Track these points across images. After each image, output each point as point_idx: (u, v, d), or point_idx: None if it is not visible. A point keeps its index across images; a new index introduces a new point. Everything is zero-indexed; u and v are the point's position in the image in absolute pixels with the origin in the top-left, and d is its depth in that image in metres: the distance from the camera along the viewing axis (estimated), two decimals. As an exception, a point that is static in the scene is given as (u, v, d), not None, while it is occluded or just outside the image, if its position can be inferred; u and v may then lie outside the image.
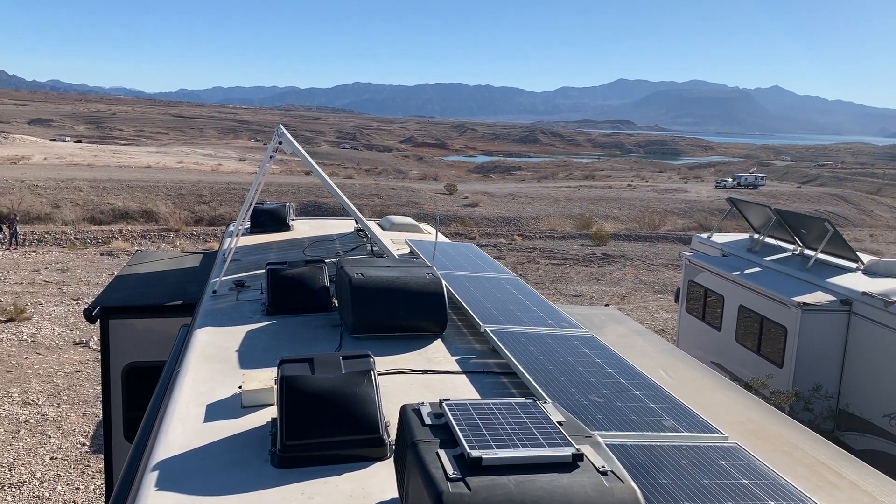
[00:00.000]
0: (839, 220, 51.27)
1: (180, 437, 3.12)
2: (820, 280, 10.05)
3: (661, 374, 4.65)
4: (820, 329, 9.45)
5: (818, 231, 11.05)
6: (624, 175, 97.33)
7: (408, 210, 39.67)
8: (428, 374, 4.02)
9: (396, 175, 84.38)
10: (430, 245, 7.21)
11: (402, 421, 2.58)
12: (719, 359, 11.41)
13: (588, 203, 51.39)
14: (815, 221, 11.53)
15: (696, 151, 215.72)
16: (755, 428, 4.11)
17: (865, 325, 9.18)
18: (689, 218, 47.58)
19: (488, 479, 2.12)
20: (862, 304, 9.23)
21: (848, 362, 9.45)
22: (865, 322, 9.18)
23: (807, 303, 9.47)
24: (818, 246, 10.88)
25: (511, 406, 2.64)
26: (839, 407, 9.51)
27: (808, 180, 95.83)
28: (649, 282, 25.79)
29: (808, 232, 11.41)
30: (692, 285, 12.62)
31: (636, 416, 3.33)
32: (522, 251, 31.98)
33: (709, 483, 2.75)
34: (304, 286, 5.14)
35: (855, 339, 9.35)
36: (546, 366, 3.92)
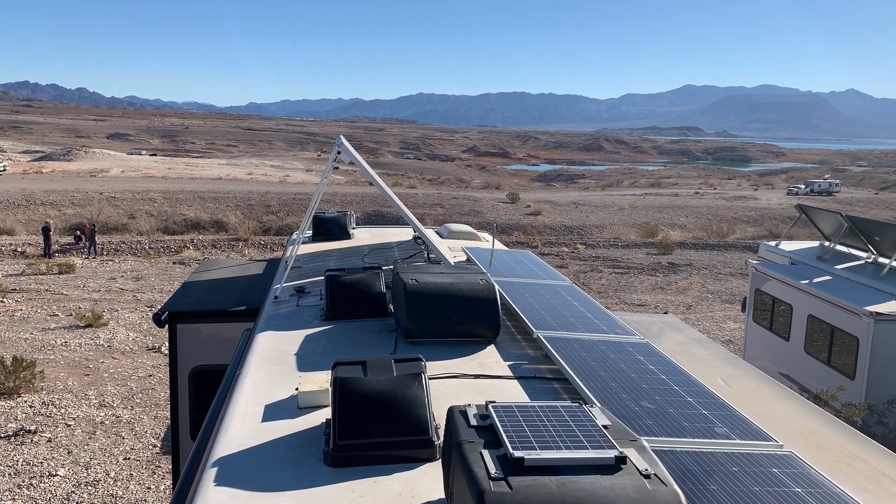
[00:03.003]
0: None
1: (239, 435, 3.24)
2: (894, 289, 9.66)
3: (718, 383, 4.56)
4: (894, 339, 9.07)
5: (893, 238, 10.62)
6: (691, 182, 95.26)
7: (469, 219, 39.77)
8: (479, 379, 4.06)
9: (459, 184, 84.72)
10: (486, 252, 7.25)
11: (449, 422, 2.64)
12: (788, 370, 11.06)
13: (653, 211, 50.49)
14: (889, 228, 11.08)
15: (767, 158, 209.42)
16: (816, 439, 4.00)
17: (944, 336, 8.78)
18: (759, 226, 46.22)
19: (530, 479, 2.15)
20: (940, 314, 8.83)
21: (925, 375, 9.05)
22: (944, 333, 8.78)
23: (880, 312, 9.11)
24: (892, 253, 10.45)
25: (556, 409, 2.66)
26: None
27: (887, 186, 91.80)
28: (716, 291, 25.18)
29: (882, 239, 10.97)
30: (759, 294, 12.28)
31: (688, 422, 3.30)
32: (585, 260, 31.65)
33: (759, 490, 2.70)
34: (362, 292, 5.25)
35: (933, 351, 8.94)
36: (598, 372, 3.91)
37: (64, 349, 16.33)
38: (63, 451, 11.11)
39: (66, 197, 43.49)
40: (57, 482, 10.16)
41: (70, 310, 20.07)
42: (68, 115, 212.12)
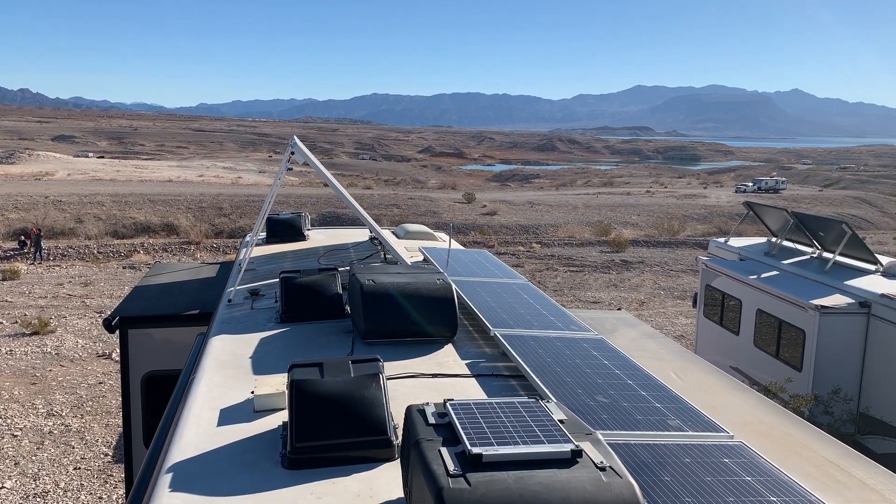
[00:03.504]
0: (862, 223, 50.67)
1: (194, 440, 3.19)
2: (838, 283, 9.98)
3: (671, 377, 4.66)
4: (839, 332, 9.37)
5: (836, 233, 10.97)
6: (642, 181, 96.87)
7: (426, 219, 39.79)
8: (438, 378, 4.07)
9: (415, 185, 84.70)
10: (443, 252, 7.28)
11: (408, 421, 2.64)
12: (738, 363, 11.34)
13: (606, 210, 51.23)
14: (833, 224, 11.44)
15: (716, 156, 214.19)
16: (765, 429, 4.11)
17: (885, 327, 9.10)
18: (708, 223, 47.26)
19: (488, 475, 2.17)
20: (881, 307, 9.15)
21: (868, 365, 9.36)
22: (885, 324, 9.10)
23: (825, 306, 9.40)
24: (836, 248, 10.80)
25: (513, 405, 2.69)
26: (860, 410, 9.41)
27: (830, 183, 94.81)
28: (668, 287, 25.66)
29: (826, 234, 11.33)
30: (709, 290, 12.56)
31: (642, 415, 3.36)
32: (541, 259, 31.94)
33: (712, 480, 2.77)
34: (317, 294, 5.22)
35: (874, 342, 9.26)
36: (554, 368, 3.96)
37: (9, 358, 15.83)
38: (10, 463, 10.77)
39: (10, 201, 42.16)
40: (4, 495, 9.85)
41: (15, 317, 19.46)
42: (10, 117, 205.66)
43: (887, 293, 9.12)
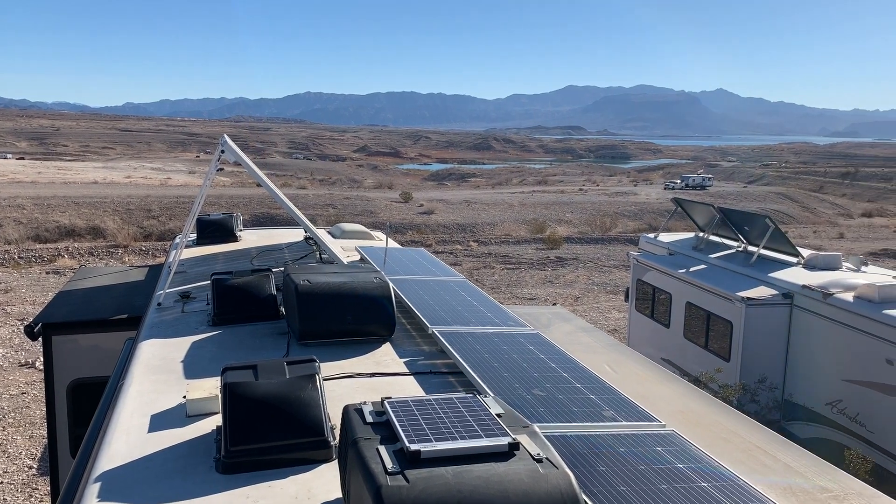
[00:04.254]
0: (784, 217, 52.78)
1: (124, 448, 3.09)
2: (762, 275, 10.36)
3: (605, 369, 4.76)
4: (763, 322, 9.73)
5: (760, 228, 11.39)
6: (576, 179, 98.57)
7: (363, 219, 39.54)
8: (376, 378, 4.05)
9: (351, 184, 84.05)
10: (380, 251, 7.24)
11: (345, 421, 2.62)
12: (669, 355, 11.65)
13: (541, 208, 51.91)
14: (756, 218, 11.87)
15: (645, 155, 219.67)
16: (695, 417, 4.24)
17: (806, 317, 9.50)
18: (639, 220, 48.42)
19: (426, 472, 2.16)
20: (802, 297, 9.54)
21: (791, 353, 9.76)
22: (806, 314, 9.50)
23: (751, 297, 9.74)
24: (760, 242, 11.21)
25: (451, 401, 2.69)
26: (784, 397, 9.80)
27: (754, 180, 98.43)
28: (601, 283, 26.19)
29: (750, 229, 11.75)
30: (641, 284, 12.87)
31: (577, 407, 3.42)
32: (478, 257, 32.14)
33: (645, 469, 2.84)
34: (250, 295, 5.12)
35: (797, 331, 9.66)
36: (491, 363, 3.99)
37: (-78, 370, 15.00)
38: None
39: (-80, 205, 39.98)
40: (-82, 515, 9.34)
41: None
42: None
43: (808, 284, 9.52)
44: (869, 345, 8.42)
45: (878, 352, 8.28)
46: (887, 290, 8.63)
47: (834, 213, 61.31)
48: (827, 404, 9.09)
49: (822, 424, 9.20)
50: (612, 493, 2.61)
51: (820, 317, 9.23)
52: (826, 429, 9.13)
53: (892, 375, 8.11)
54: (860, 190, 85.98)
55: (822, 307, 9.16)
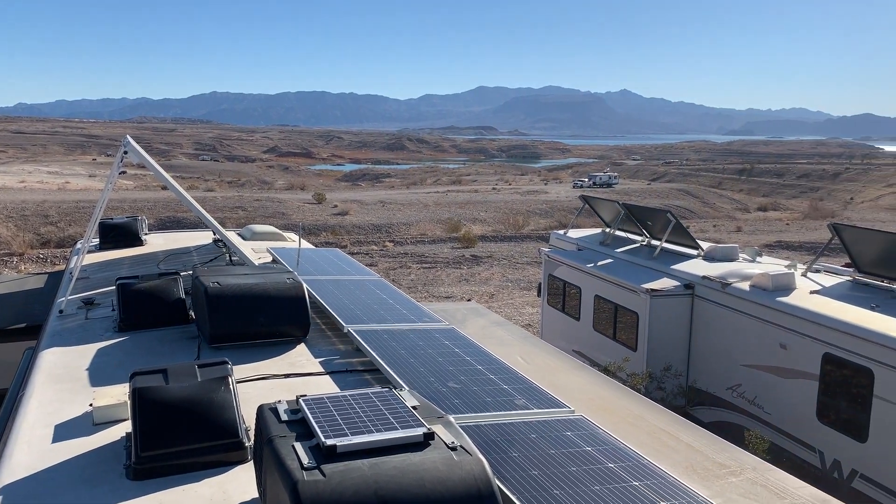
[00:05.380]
0: (685, 212, 55.10)
1: (26, 459, 2.97)
2: (665, 267, 10.82)
3: (518, 360, 4.88)
4: (667, 312, 10.17)
5: (662, 222, 11.90)
6: (489, 179, 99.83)
7: (274, 221, 38.80)
8: (291, 378, 4.03)
9: (261, 186, 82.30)
10: (293, 252, 7.17)
11: (259, 420, 2.61)
12: (580, 347, 12.01)
13: (456, 207, 52.32)
14: (658, 213, 12.39)
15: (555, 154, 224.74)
16: (604, 403, 4.42)
17: (707, 306, 9.98)
18: (550, 217, 49.52)
19: (343, 465, 2.19)
20: (703, 287, 10.03)
21: (694, 341, 10.24)
22: (707, 303, 9.98)
23: (654, 289, 10.16)
24: (663, 236, 11.70)
25: (367, 396, 2.73)
26: (688, 384, 10.28)
27: (658, 177, 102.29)
28: (515, 279, 26.66)
29: (653, 224, 12.25)
30: (552, 279, 13.21)
31: (491, 397, 3.51)
32: (394, 257, 32.12)
33: (555, 453, 2.95)
34: (158, 300, 4.99)
35: (698, 320, 10.14)
36: (408, 359, 4.03)
37: None
38: None
39: None
40: None
41: None
42: None
43: (708, 275, 10.01)
44: (764, 331, 8.94)
45: (773, 337, 8.80)
46: (780, 279, 9.19)
47: (732, 207, 64.48)
48: (728, 389, 9.59)
49: (723, 408, 9.70)
50: (524, 477, 2.71)
51: (719, 306, 9.72)
52: (727, 412, 9.63)
53: (786, 359, 8.64)
54: (756, 185, 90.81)
55: (721, 296, 9.65)
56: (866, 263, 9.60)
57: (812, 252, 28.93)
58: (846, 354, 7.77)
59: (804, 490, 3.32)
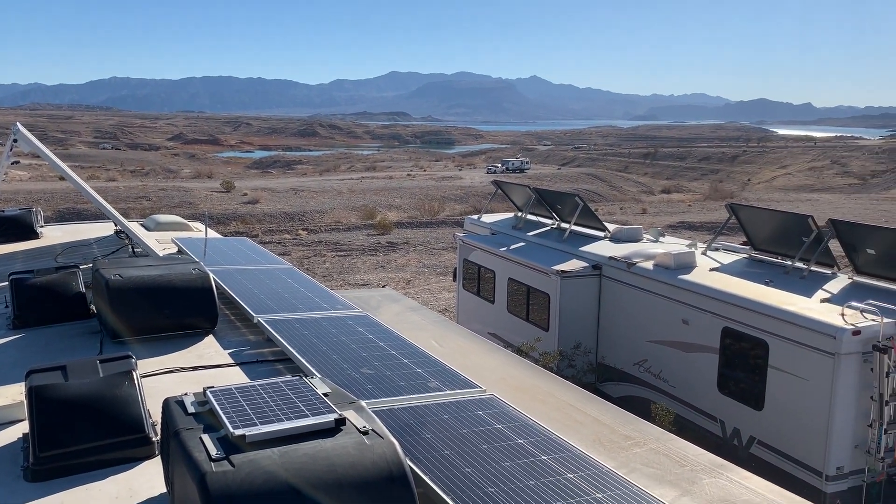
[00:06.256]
0: (594, 196, 56.64)
1: None
2: (574, 249, 11.12)
3: (432, 344, 4.93)
4: (576, 293, 10.48)
5: (571, 206, 12.22)
6: (403, 165, 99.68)
7: (181, 211, 37.54)
8: (199, 371, 3.94)
9: (166, 175, 79.40)
10: (199, 242, 6.98)
11: (165, 414, 2.55)
12: (495, 329, 12.22)
13: (371, 194, 52.02)
14: (567, 197, 12.71)
15: (468, 140, 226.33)
16: (516, 383, 4.52)
17: (614, 285, 10.34)
18: (465, 203, 49.93)
19: (252, 455, 2.17)
20: (610, 268, 10.37)
21: (602, 320, 10.59)
22: (613, 283, 10.33)
23: (565, 270, 10.44)
24: (571, 219, 12.02)
25: (277, 385, 2.70)
26: (598, 361, 10.63)
27: (567, 162, 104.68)
28: (431, 265, 26.80)
29: (562, 207, 12.57)
30: (467, 264, 13.36)
31: (404, 381, 3.54)
32: (308, 245, 31.67)
33: (467, 432, 3.01)
34: (55, 294, 4.77)
35: (606, 299, 10.49)
36: (320, 347, 4.01)
37: None
38: None
39: None
40: None
41: None
42: None
43: (614, 256, 10.35)
44: (667, 308, 9.33)
45: (676, 313, 9.20)
46: (681, 258, 9.60)
47: (638, 190, 66.74)
48: (634, 364, 9.98)
49: (631, 383, 10.09)
50: (436, 457, 2.75)
51: (625, 285, 10.08)
52: (635, 386, 10.02)
53: (688, 334, 9.05)
54: (660, 169, 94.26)
55: (627, 276, 10.01)
56: (761, 241, 10.15)
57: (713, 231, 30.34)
58: (743, 328, 8.21)
59: (703, 457, 3.51)
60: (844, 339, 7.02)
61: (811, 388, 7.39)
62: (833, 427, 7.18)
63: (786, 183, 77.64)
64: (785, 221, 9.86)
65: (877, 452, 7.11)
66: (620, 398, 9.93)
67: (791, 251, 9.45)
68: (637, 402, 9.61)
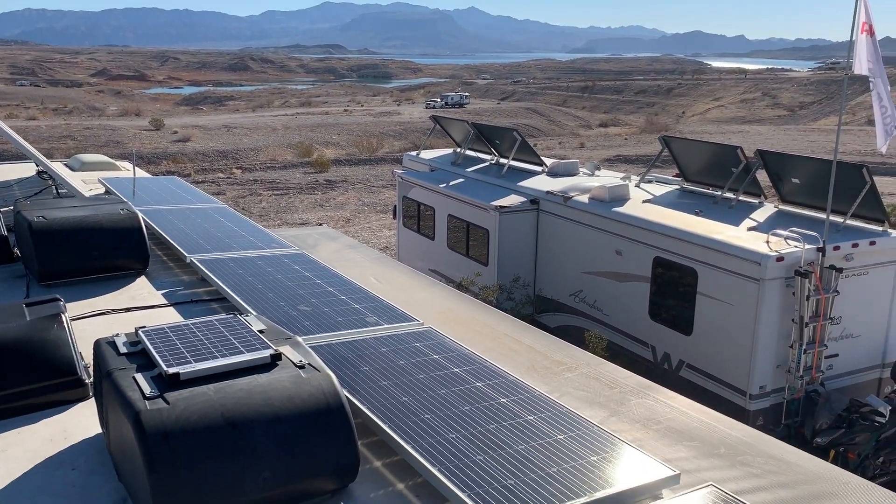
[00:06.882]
0: (533, 131, 56.80)
1: None
2: (513, 184, 11.21)
3: (371, 281, 4.95)
4: (515, 227, 10.61)
5: (509, 141, 12.24)
6: (340, 100, 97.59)
7: (108, 150, 36.14)
8: (132, 312, 3.88)
9: (91, 113, 75.96)
10: (127, 182, 6.77)
11: (97, 355, 2.52)
12: (436, 266, 12.32)
13: (307, 130, 50.95)
14: (505, 132, 12.72)
15: (406, 74, 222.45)
16: (454, 316, 4.60)
17: (551, 219, 10.50)
18: (404, 139, 49.42)
19: (187, 392, 2.18)
20: (547, 202, 10.51)
21: (540, 253, 10.78)
22: (551, 217, 10.49)
23: (503, 206, 10.53)
24: (510, 154, 12.07)
25: (211, 323, 2.69)
26: (536, 293, 10.87)
27: (507, 96, 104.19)
28: (371, 203, 26.64)
29: (500, 142, 12.58)
30: (406, 201, 13.33)
31: (342, 317, 3.57)
32: (243, 184, 31.01)
33: (405, 363, 3.07)
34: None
35: (543, 233, 10.66)
36: (255, 285, 3.99)
37: None
38: None
39: None
40: None
41: None
42: None
43: (551, 190, 10.48)
44: (602, 239, 9.56)
45: (610, 245, 9.44)
46: (616, 191, 9.79)
47: (576, 124, 67.15)
48: (571, 295, 10.24)
49: (567, 313, 10.37)
50: (374, 388, 2.81)
51: (562, 219, 10.25)
52: (571, 316, 10.31)
53: (620, 264, 9.31)
54: (597, 102, 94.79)
55: (564, 210, 10.17)
56: (692, 173, 10.41)
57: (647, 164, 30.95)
58: (674, 257, 8.49)
59: (631, 379, 3.67)
60: (768, 266, 7.34)
61: (737, 313, 7.74)
62: (757, 349, 7.57)
63: (719, 115, 79.26)
64: (715, 153, 10.12)
65: (797, 371, 7.54)
66: (557, 328, 10.22)
67: (721, 182, 9.73)
68: (573, 332, 9.92)
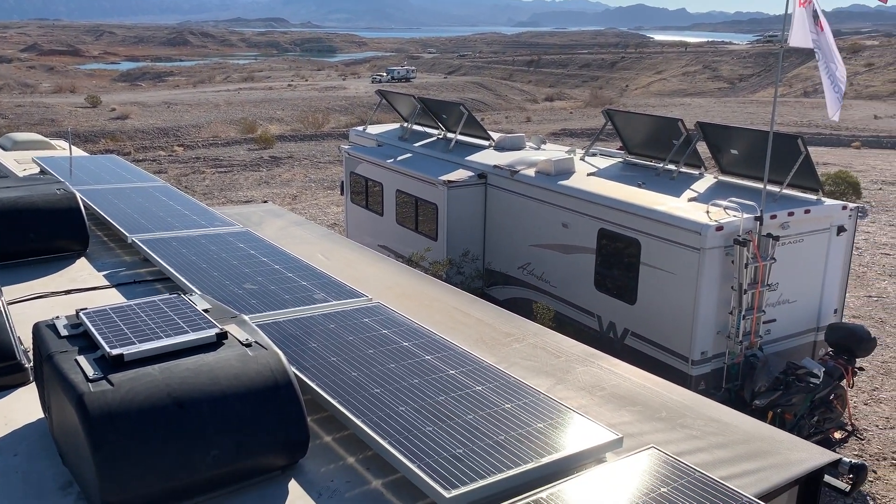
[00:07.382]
0: (480, 105, 56.74)
1: None
2: (460, 159, 11.22)
3: (318, 258, 4.93)
4: (463, 202, 10.65)
5: (456, 115, 12.23)
6: (284, 75, 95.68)
7: (42, 129, 34.82)
8: (72, 294, 3.80)
9: (22, 90, 72.90)
10: (64, 161, 6.56)
11: (36, 339, 2.47)
12: (385, 241, 12.29)
13: (250, 106, 49.91)
14: (452, 107, 12.70)
15: (351, 48, 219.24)
16: (403, 291, 4.62)
17: (498, 193, 10.56)
18: (350, 114, 48.84)
19: (132, 373, 2.15)
20: (494, 176, 10.56)
21: (488, 227, 10.85)
22: (498, 191, 10.56)
23: (451, 180, 10.55)
24: (457, 129, 12.06)
25: (154, 303, 2.65)
26: (485, 267, 10.96)
27: (453, 70, 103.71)
28: (318, 179, 26.34)
29: (447, 117, 12.56)
30: (354, 177, 13.23)
31: (289, 294, 3.55)
32: (185, 162, 30.29)
33: (354, 339, 3.08)
34: None
35: (491, 207, 10.73)
36: (199, 264, 3.93)
37: None
38: None
39: None
40: None
41: None
42: None
43: (498, 164, 10.53)
44: (548, 213, 9.67)
45: (556, 218, 9.56)
46: (561, 164, 9.90)
47: (522, 99, 67.33)
48: (519, 268, 10.36)
49: (515, 286, 10.50)
50: (323, 364, 2.81)
51: (509, 192, 10.33)
52: (519, 289, 10.44)
53: (567, 237, 9.45)
54: (543, 76, 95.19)
55: (511, 183, 10.24)
56: (635, 145, 10.59)
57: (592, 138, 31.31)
58: (618, 228, 8.66)
59: (576, 348, 3.75)
60: (709, 235, 7.54)
61: (678, 282, 7.95)
62: (698, 316, 7.81)
63: (661, 88, 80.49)
64: (656, 126, 10.30)
65: (736, 337, 7.81)
66: (506, 300, 10.34)
67: (662, 154, 9.93)
68: (521, 304, 10.05)
